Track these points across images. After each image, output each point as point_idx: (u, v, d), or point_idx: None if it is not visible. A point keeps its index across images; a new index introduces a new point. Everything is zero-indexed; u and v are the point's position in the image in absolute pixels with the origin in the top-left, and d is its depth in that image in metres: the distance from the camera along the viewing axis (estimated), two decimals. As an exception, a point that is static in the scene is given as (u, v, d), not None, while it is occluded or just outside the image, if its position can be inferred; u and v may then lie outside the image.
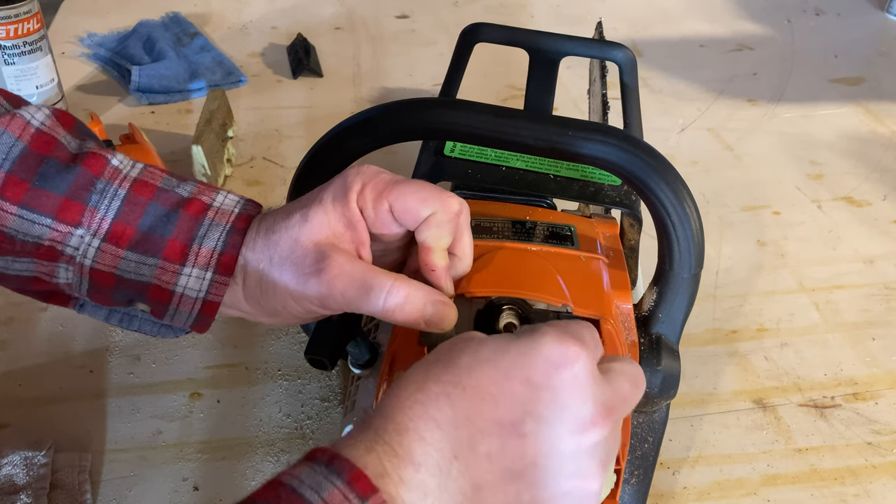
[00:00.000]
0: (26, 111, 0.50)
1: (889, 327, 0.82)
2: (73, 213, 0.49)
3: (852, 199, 1.00)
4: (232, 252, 0.49)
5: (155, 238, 0.49)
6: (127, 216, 0.49)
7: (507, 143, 0.54)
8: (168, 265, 0.49)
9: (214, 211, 0.50)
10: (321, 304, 0.48)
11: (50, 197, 0.48)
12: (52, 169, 0.48)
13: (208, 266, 0.49)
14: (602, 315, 0.49)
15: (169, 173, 0.51)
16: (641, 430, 0.57)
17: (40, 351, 0.77)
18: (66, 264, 0.50)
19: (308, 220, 0.47)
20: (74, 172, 0.49)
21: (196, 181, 0.52)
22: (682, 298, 0.54)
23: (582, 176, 0.64)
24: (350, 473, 0.36)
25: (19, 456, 0.64)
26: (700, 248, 0.53)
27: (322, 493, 0.35)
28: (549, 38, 0.70)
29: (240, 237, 0.49)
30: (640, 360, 0.52)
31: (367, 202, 0.48)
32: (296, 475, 0.36)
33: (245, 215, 0.50)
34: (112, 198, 0.49)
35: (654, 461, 0.57)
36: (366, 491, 0.36)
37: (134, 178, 0.50)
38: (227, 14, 1.39)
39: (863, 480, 0.67)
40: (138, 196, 0.49)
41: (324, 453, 0.37)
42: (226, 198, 0.51)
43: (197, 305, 0.50)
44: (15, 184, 0.48)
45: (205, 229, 0.49)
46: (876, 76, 1.28)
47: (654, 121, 1.14)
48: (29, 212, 0.48)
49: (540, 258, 0.54)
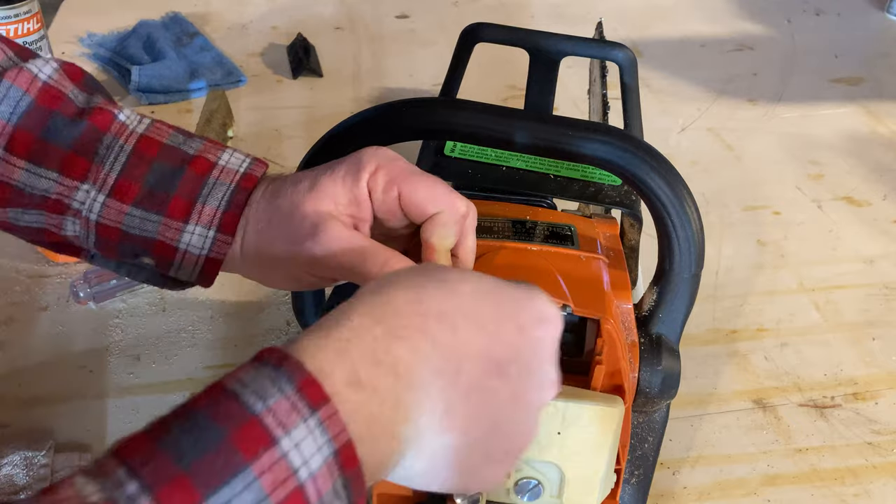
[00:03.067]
0: (34, 65, 0.50)
1: (889, 327, 0.82)
2: (79, 169, 0.49)
3: (852, 199, 1.00)
4: (235, 212, 0.49)
5: (160, 195, 0.49)
6: (132, 173, 0.49)
7: (508, 144, 0.54)
8: (172, 222, 0.49)
9: (220, 170, 0.50)
10: (310, 269, 0.47)
11: (56, 152, 0.48)
12: (58, 124, 0.49)
13: (211, 224, 0.49)
14: (602, 315, 0.49)
15: (176, 129, 0.51)
16: (641, 430, 0.57)
17: (40, 351, 0.77)
18: (73, 218, 0.50)
19: (315, 189, 0.47)
20: (80, 127, 0.49)
21: (203, 138, 0.51)
22: (683, 298, 0.54)
23: (582, 176, 0.64)
24: (301, 380, 0.32)
25: (19, 456, 0.64)
26: (700, 247, 0.53)
27: (267, 401, 0.32)
28: (550, 38, 0.70)
29: (244, 197, 0.49)
30: (640, 360, 0.52)
31: (378, 185, 0.48)
32: (239, 377, 0.33)
33: (250, 175, 0.50)
34: (118, 154, 0.49)
35: (654, 461, 0.57)
36: (317, 400, 0.32)
37: (140, 133, 0.50)
38: (227, 14, 1.39)
39: (863, 480, 0.67)
40: (144, 153, 0.49)
41: (271, 354, 0.33)
42: (231, 156, 0.51)
43: (200, 262, 0.50)
44: (22, 138, 0.48)
45: (209, 188, 0.49)
46: (876, 76, 1.28)
47: (654, 121, 1.13)
48: (35, 166, 0.48)
49: (540, 258, 0.54)
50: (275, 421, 0.31)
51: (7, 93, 0.48)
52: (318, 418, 0.32)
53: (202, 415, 0.31)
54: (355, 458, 0.33)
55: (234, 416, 0.31)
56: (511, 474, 0.49)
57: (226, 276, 0.84)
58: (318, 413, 0.32)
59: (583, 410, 0.47)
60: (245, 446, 0.31)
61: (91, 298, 0.80)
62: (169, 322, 0.80)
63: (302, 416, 0.32)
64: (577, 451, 0.48)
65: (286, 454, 0.31)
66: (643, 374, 0.52)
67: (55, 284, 0.84)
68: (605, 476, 0.50)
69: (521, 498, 0.49)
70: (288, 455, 0.31)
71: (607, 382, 0.50)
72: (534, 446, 0.47)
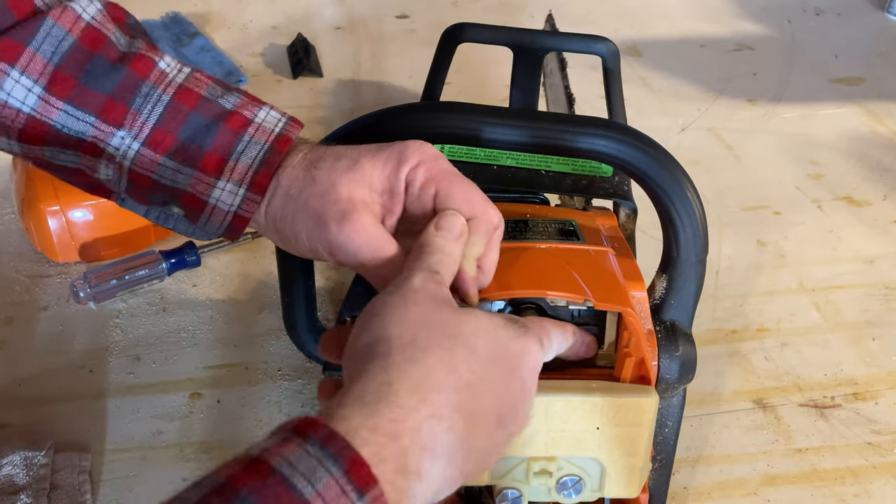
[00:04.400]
0: (77, 4, 0.50)
1: (889, 327, 0.82)
2: (117, 115, 0.49)
3: (852, 199, 1.00)
4: (267, 172, 0.49)
5: (193, 148, 0.49)
6: (168, 123, 0.49)
7: (504, 143, 0.54)
8: (203, 177, 0.49)
9: (255, 127, 0.50)
10: (329, 251, 0.48)
11: (95, 96, 0.49)
12: (98, 67, 0.49)
13: (242, 182, 0.49)
14: (624, 308, 0.50)
15: (215, 81, 0.51)
16: (661, 416, 0.57)
17: (40, 351, 0.77)
18: (107, 161, 0.50)
19: (354, 170, 0.47)
20: (121, 73, 0.49)
21: (242, 92, 0.51)
22: (691, 284, 0.55)
23: (574, 170, 0.64)
24: (348, 460, 0.33)
25: (19, 456, 0.64)
26: (705, 232, 0.54)
27: (316, 485, 0.32)
28: (532, 35, 0.71)
29: (277, 158, 0.49)
30: (658, 348, 0.53)
31: (417, 180, 0.48)
32: (283, 455, 0.33)
33: (285, 137, 0.50)
34: (155, 103, 0.49)
35: (674, 444, 0.58)
36: (366, 483, 0.33)
37: (179, 84, 0.50)
38: (227, 14, 1.39)
39: (863, 480, 0.67)
40: (181, 104, 0.49)
41: (316, 429, 0.34)
42: (268, 114, 0.51)
43: (228, 217, 0.50)
44: (62, 79, 0.48)
45: (243, 146, 0.49)
46: (876, 76, 1.28)
47: (654, 121, 1.14)
48: (74, 108, 0.49)
49: (551, 255, 0.54)
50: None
51: (50, 31, 0.48)
52: (366, 501, 0.33)
53: (250, 501, 0.31)
54: None
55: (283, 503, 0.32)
56: None
57: (226, 275, 0.85)
58: (366, 496, 0.33)
59: (621, 404, 0.48)
60: None
61: (91, 298, 0.80)
62: (169, 322, 0.80)
63: (350, 499, 0.33)
64: (617, 444, 0.49)
65: None
66: (662, 362, 0.53)
67: (55, 284, 0.84)
68: (643, 465, 0.50)
69: (563, 494, 0.50)
70: None
71: (635, 373, 0.50)
72: (573, 443, 0.48)
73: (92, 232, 0.85)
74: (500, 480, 0.50)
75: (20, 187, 0.87)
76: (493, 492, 0.50)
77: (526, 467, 0.49)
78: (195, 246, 0.86)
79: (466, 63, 1.12)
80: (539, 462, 0.49)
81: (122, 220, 0.86)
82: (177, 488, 0.32)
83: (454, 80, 0.89)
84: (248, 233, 0.90)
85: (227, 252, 0.88)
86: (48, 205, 0.83)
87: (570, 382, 0.49)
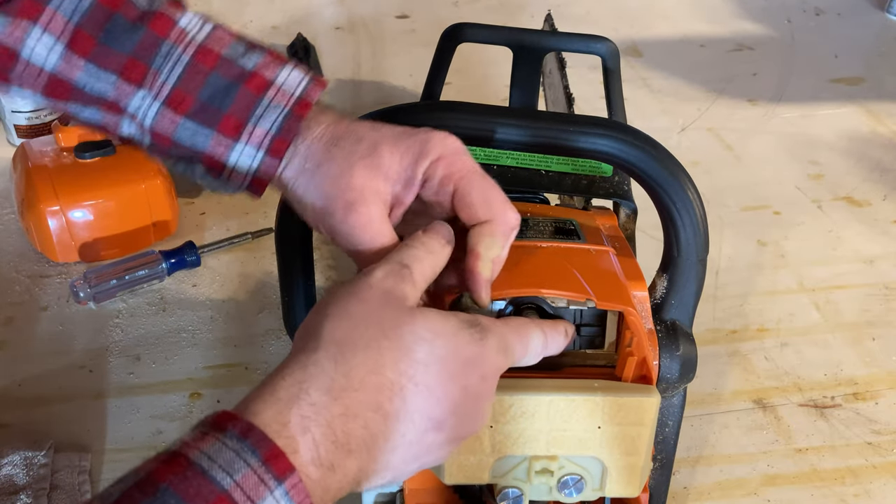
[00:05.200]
0: None
1: (889, 327, 0.82)
2: (137, 74, 0.49)
3: (852, 199, 1.00)
4: (285, 137, 0.49)
5: (212, 110, 0.49)
6: (187, 84, 0.49)
7: (505, 143, 0.54)
8: (222, 139, 0.49)
9: (275, 90, 0.49)
10: (330, 233, 0.48)
11: (115, 56, 0.49)
12: (118, 27, 0.48)
13: (260, 147, 0.49)
14: (625, 307, 0.50)
15: (237, 38, 0.50)
16: (662, 415, 0.57)
17: (40, 351, 0.77)
18: (129, 119, 0.50)
19: (371, 157, 0.47)
20: (140, 32, 0.49)
21: (265, 49, 0.50)
22: (692, 283, 0.55)
23: (573, 169, 0.64)
24: (266, 450, 0.34)
25: (19, 456, 0.64)
26: (705, 232, 0.54)
27: (234, 475, 0.33)
28: (532, 35, 0.71)
29: (296, 123, 0.49)
30: (659, 348, 0.53)
31: (436, 175, 0.47)
32: (202, 449, 0.34)
33: (305, 101, 0.49)
34: (175, 64, 0.49)
35: (675, 444, 0.58)
36: (283, 471, 0.34)
37: (199, 43, 0.49)
38: (227, 14, 1.39)
39: (863, 480, 0.67)
40: (200, 64, 0.49)
41: (234, 422, 0.35)
42: (290, 75, 0.50)
43: (247, 179, 0.50)
44: (83, 38, 0.48)
45: (262, 109, 0.49)
46: (876, 76, 1.28)
47: (654, 121, 1.14)
48: (95, 68, 0.49)
49: (552, 254, 0.54)
50: (243, 495, 0.33)
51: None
52: (284, 489, 0.34)
53: (170, 492, 0.32)
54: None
55: (204, 495, 0.32)
56: None
57: (226, 275, 0.85)
58: (284, 484, 0.34)
59: (622, 403, 0.48)
60: None
61: (91, 298, 0.80)
62: (169, 322, 0.80)
63: (269, 488, 0.34)
64: (618, 444, 0.49)
65: None
66: (663, 361, 0.53)
67: (55, 284, 0.84)
68: (645, 464, 0.50)
69: (564, 493, 0.50)
70: None
71: (636, 373, 0.50)
72: (575, 442, 0.48)
73: (92, 232, 0.85)
74: (501, 479, 0.50)
75: (20, 187, 0.87)
76: (494, 490, 0.50)
77: (527, 466, 0.49)
78: (195, 246, 0.86)
79: (466, 63, 1.12)
80: (540, 461, 0.49)
81: (122, 220, 0.86)
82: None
83: (454, 80, 0.89)
84: (248, 233, 0.90)
85: (227, 252, 0.88)
86: (48, 205, 0.83)
87: (572, 382, 0.49)
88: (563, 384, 0.49)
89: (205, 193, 0.97)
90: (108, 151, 0.87)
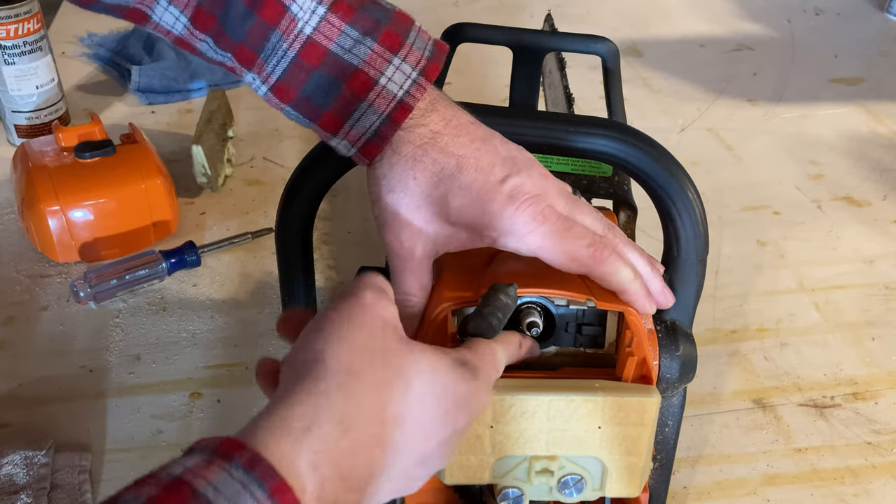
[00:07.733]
0: None
1: (889, 327, 0.82)
2: (248, 59, 0.50)
3: (852, 199, 1.00)
4: (378, 144, 0.49)
5: (314, 106, 0.50)
6: (291, 80, 0.50)
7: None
8: (322, 132, 0.51)
9: (377, 92, 0.49)
10: (378, 230, 0.51)
11: (229, 40, 0.50)
12: (233, 10, 0.49)
13: (354, 145, 0.50)
14: (625, 307, 0.50)
15: (352, 22, 0.49)
16: (661, 415, 0.57)
17: (40, 351, 0.77)
18: (249, 81, 0.52)
19: (455, 177, 0.48)
20: (251, 20, 0.49)
21: (381, 29, 0.49)
22: (692, 283, 0.55)
23: (573, 169, 0.65)
24: (273, 485, 0.34)
25: (19, 456, 0.64)
26: (705, 232, 0.54)
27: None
28: (532, 35, 0.71)
29: (391, 131, 0.49)
30: (659, 348, 0.53)
31: (515, 229, 0.49)
32: (210, 481, 0.33)
33: (405, 106, 0.49)
34: (281, 58, 0.49)
35: (674, 444, 0.58)
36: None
37: (307, 36, 0.49)
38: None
39: (863, 480, 0.67)
40: (304, 62, 0.49)
41: (241, 452, 0.35)
42: (397, 70, 0.49)
43: (347, 157, 0.52)
44: (204, 15, 0.50)
45: (360, 112, 0.49)
46: (876, 76, 1.28)
47: (654, 121, 1.14)
48: (213, 44, 0.51)
49: None
50: None
51: None
52: None
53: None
54: None
55: None
56: None
57: (226, 275, 0.85)
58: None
59: (623, 403, 0.48)
60: None
61: (91, 298, 0.80)
62: (169, 322, 0.80)
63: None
64: (619, 444, 0.49)
65: None
66: (663, 361, 0.53)
67: (55, 284, 0.84)
68: (645, 464, 0.50)
69: (564, 493, 0.50)
70: None
71: (636, 373, 0.50)
72: (575, 442, 0.48)
73: (92, 232, 0.85)
74: (501, 479, 0.50)
75: (20, 187, 0.87)
76: (494, 491, 0.50)
77: (527, 466, 0.49)
78: (195, 246, 0.86)
79: (466, 63, 1.12)
80: (541, 461, 0.49)
81: (123, 219, 0.86)
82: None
83: (454, 80, 0.89)
84: (248, 233, 0.90)
85: (227, 252, 0.88)
86: (48, 205, 0.83)
87: (573, 382, 0.49)
88: (564, 384, 0.49)
89: (205, 193, 0.97)
90: (108, 151, 0.87)
